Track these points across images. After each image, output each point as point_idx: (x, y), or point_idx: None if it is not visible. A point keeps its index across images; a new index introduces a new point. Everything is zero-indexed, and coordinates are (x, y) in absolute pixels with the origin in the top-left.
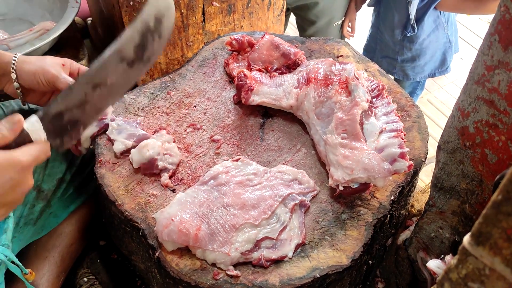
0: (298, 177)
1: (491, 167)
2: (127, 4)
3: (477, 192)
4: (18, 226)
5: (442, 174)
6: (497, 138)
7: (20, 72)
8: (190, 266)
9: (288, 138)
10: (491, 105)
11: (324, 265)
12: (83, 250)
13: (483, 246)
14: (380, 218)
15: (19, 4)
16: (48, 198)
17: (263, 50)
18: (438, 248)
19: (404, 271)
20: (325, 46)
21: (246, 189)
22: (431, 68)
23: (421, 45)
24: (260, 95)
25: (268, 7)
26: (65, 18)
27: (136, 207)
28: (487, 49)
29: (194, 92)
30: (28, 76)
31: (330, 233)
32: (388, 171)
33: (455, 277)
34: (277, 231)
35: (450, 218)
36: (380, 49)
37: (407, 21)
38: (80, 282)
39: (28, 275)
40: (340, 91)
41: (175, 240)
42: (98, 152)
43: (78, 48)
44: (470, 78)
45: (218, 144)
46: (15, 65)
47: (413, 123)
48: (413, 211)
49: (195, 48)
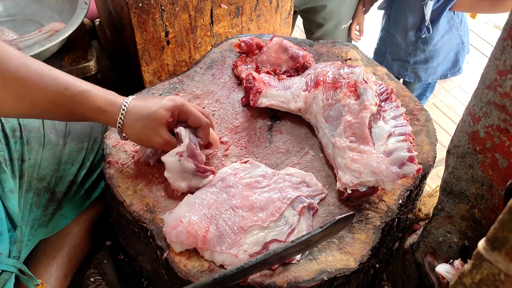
0: (306, 179)
1: (502, 172)
2: (136, 6)
3: (486, 197)
4: (33, 229)
5: (451, 179)
6: (508, 143)
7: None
8: (198, 268)
9: (296, 141)
10: (502, 110)
11: (332, 268)
12: (90, 250)
13: (499, 252)
14: (388, 222)
15: (28, 5)
16: (59, 200)
17: (271, 53)
18: (446, 253)
19: (411, 275)
20: (333, 49)
21: (255, 191)
22: (443, 69)
23: (435, 46)
24: (269, 97)
25: (276, 9)
26: (74, 19)
27: (145, 208)
28: (500, 54)
29: (203, 93)
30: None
31: (338, 236)
32: (396, 175)
33: (468, 282)
34: (285, 234)
35: (458, 222)
36: (391, 52)
37: (421, 23)
38: (87, 283)
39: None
40: (349, 94)
41: (184, 242)
42: (106, 152)
43: (86, 49)
44: (481, 83)
45: (226, 146)
46: (121, 128)
47: (421, 127)
48: (420, 215)
49: (202, 50)
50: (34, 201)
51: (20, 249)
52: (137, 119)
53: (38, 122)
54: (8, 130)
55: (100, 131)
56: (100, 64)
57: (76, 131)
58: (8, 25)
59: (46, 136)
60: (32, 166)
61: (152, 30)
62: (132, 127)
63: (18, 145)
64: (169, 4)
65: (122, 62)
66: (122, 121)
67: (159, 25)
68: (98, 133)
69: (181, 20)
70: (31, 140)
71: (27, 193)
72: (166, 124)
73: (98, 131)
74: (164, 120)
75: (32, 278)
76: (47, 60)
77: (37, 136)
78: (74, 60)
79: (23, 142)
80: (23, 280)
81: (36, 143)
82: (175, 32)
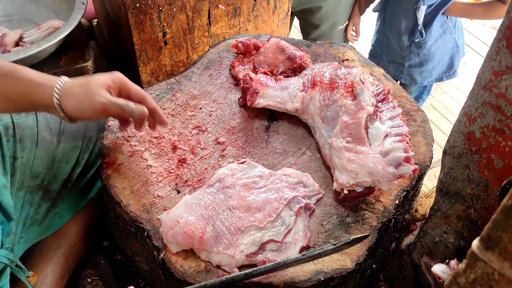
0: (303, 180)
1: (497, 172)
2: (133, 6)
3: (482, 197)
4: (25, 226)
5: (447, 179)
6: (503, 144)
7: (64, 106)
8: (195, 268)
9: (293, 141)
10: (498, 111)
11: (328, 268)
12: (87, 250)
13: (492, 251)
14: (384, 222)
15: (26, 5)
16: (53, 198)
17: (268, 53)
18: (442, 253)
19: (407, 275)
20: (330, 50)
21: (252, 191)
22: (438, 72)
23: (429, 50)
24: (266, 98)
25: (274, 10)
26: (72, 19)
27: (141, 208)
28: (495, 54)
29: (200, 94)
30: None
31: (334, 236)
32: (393, 175)
33: (463, 282)
34: (282, 234)
35: (455, 223)
36: (387, 54)
37: (414, 27)
38: (84, 283)
39: (31, 278)
40: (346, 95)
41: (180, 242)
42: (103, 153)
43: (84, 49)
44: (477, 83)
45: (223, 147)
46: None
47: (418, 127)
48: (417, 215)
49: (200, 50)
50: (26, 199)
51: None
52: (74, 86)
53: (32, 120)
54: (1, 128)
55: (95, 129)
56: (98, 65)
57: (70, 130)
58: (5, 25)
59: (40, 135)
60: (25, 164)
61: (150, 31)
62: (70, 94)
63: (10, 143)
64: (166, 5)
65: (119, 63)
66: (59, 90)
67: (157, 25)
68: (93, 132)
69: (178, 20)
70: (24, 138)
71: (19, 191)
72: (106, 88)
73: (93, 129)
74: (104, 83)
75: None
76: (44, 60)
77: (31, 135)
78: (72, 60)
79: (16, 140)
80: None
81: (29, 141)
82: (173, 33)
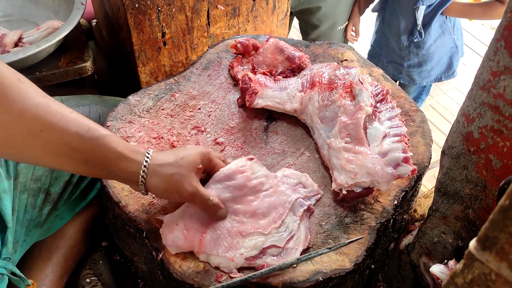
0: (302, 180)
1: (496, 172)
2: (132, 7)
3: (480, 197)
4: (28, 229)
5: (446, 179)
6: (501, 144)
7: (149, 185)
8: (194, 268)
9: (292, 142)
10: (496, 111)
11: (327, 268)
12: (86, 251)
13: (490, 251)
14: (383, 223)
15: (25, 6)
16: (55, 200)
17: (267, 54)
18: (441, 253)
19: (406, 276)
20: (329, 50)
21: (258, 195)
22: (437, 72)
23: (428, 50)
24: (264, 98)
25: (273, 11)
26: (71, 19)
27: (140, 209)
28: (493, 54)
29: (199, 94)
30: (160, 192)
31: (333, 236)
32: (391, 176)
33: (460, 282)
34: (284, 240)
35: (453, 223)
36: (386, 54)
37: (413, 27)
38: (83, 283)
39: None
40: (344, 95)
41: (180, 246)
42: None
43: (83, 49)
44: (475, 84)
45: (222, 147)
46: (144, 178)
47: (417, 128)
48: (415, 216)
49: (199, 50)
50: (29, 202)
51: (10, 251)
52: (164, 165)
53: None
54: None
55: None
56: (97, 65)
57: None
58: (5, 25)
59: None
60: (27, 167)
61: (149, 31)
62: (158, 175)
63: None
64: (165, 5)
65: (118, 63)
66: (146, 169)
67: (156, 26)
68: None
69: (177, 21)
70: None
71: (22, 194)
72: (196, 172)
73: None
74: (195, 167)
75: (23, 279)
76: (43, 61)
77: None
78: (71, 61)
79: None
80: (14, 281)
81: None
82: (172, 33)
